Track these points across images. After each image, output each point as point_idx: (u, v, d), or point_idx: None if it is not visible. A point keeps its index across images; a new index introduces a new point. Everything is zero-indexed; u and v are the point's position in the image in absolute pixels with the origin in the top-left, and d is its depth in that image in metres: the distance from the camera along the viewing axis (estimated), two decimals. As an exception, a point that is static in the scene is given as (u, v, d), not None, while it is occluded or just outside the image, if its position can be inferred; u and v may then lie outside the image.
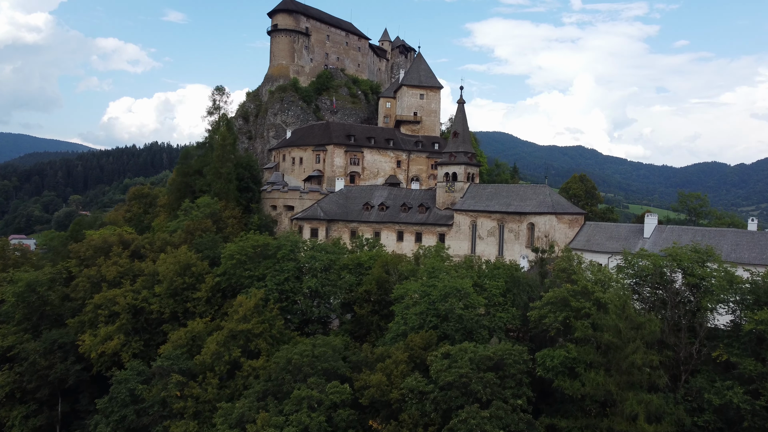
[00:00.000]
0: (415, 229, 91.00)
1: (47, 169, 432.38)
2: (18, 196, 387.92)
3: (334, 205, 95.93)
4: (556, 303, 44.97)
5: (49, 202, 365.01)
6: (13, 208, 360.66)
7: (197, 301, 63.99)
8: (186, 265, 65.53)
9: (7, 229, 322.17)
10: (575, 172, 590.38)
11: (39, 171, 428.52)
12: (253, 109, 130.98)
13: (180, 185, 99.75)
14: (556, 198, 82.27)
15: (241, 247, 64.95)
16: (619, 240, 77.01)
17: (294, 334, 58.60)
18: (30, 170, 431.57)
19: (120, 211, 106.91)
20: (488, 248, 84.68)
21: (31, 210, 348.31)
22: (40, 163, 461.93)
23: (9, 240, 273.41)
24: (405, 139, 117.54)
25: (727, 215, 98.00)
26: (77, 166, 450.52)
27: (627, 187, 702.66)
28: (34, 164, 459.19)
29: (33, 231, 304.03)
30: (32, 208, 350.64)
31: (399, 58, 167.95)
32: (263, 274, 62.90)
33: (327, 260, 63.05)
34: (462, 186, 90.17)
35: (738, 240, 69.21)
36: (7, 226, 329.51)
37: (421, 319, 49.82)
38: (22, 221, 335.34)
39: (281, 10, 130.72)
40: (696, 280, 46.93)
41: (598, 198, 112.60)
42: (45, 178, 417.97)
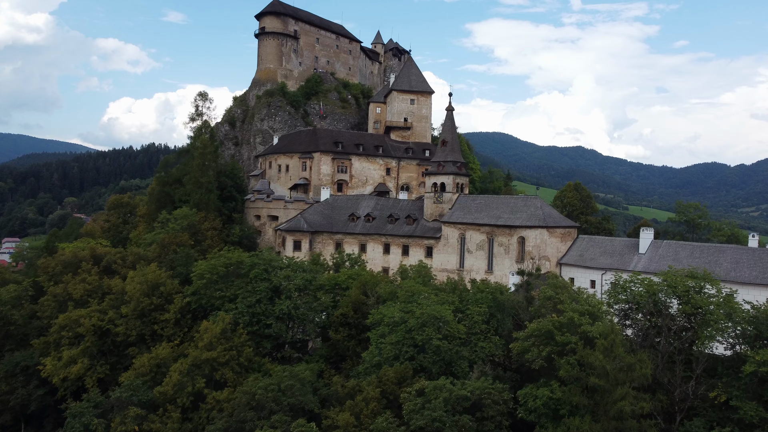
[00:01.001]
0: (402, 242, 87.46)
1: (43, 170, 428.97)
2: (13, 198, 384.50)
3: (319, 216, 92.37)
4: (540, 336, 41.43)
5: (44, 204, 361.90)
6: (7, 210, 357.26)
7: (165, 323, 60.45)
8: (154, 284, 62.00)
9: (1, 232, 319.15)
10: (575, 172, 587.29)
11: (35, 173, 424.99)
12: (240, 115, 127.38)
13: (159, 195, 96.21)
14: (547, 210, 78.66)
15: (213, 266, 61.42)
16: (614, 255, 73.51)
17: (265, 360, 55.05)
18: (26, 172, 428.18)
19: (98, 221, 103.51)
20: (477, 262, 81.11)
21: (26, 212, 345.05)
22: (36, 164, 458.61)
23: (2, 243, 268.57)
24: (395, 146, 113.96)
25: (726, 225, 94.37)
26: (73, 168, 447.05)
27: (627, 188, 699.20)
28: (30, 166, 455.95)
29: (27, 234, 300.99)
30: (27, 210, 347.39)
31: (392, 60, 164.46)
32: (235, 294, 59.39)
33: (302, 280, 59.54)
34: (450, 197, 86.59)
35: (738, 257, 65.63)
36: (1, 229, 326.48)
37: (397, 350, 46.32)
38: (16, 224, 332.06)
39: (269, 12, 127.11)
40: (692, 309, 43.39)
41: (594, 207, 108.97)
42: (41, 179, 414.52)
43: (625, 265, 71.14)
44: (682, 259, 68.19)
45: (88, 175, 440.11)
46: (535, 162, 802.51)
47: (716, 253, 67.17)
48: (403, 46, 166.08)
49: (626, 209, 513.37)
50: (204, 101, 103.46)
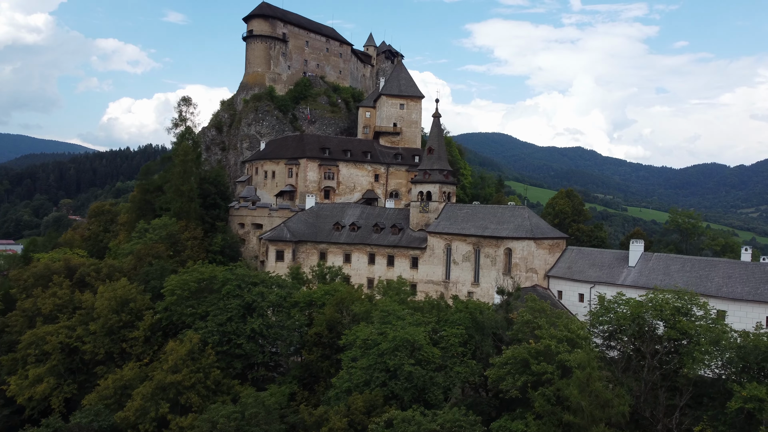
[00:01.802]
0: (387, 252, 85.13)
1: (39, 171, 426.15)
2: (9, 199, 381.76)
3: (303, 225, 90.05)
4: (516, 364, 39.17)
5: (39, 206, 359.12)
6: (2, 212, 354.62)
7: (134, 342, 58.20)
8: (123, 300, 59.70)
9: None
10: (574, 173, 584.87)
11: (31, 174, 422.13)
12: (227, 119, 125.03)
13: (141, 203, 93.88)
14: (535, 221, 76.29)
15: (184, 281, 59.18)
16: (603, 268, 71.18)
17: (235, 382, 52.78)
18: (22, 173, 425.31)
19: (78, 229, 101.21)
20: (463, 274, 78.80)
21: (21, 214, 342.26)
22: (32, 165, 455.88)
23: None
24: (384, 152, 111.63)
25: (721, 234, 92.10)
26: (70, 169, 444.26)
27: (626, 189, 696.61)
28: (27, 167, 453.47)
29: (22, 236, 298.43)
30: (22, 212, 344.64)
31: (385, 63, 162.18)
32: (207, 311, 57.13)
33: (277, 297, 57.29)
34: (437, 206, 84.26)
35: (730, 272, 63.25)
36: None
37: (368, 375, 44.03)
38: (11, 226, 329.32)
39: (256, 15, 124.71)
40: (678, 335, 41.16)
41: (586, 214, 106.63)
42: (37, 181, 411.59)
43: (614, 278, 68.91)
44: (673, 273, 65.97)
45: (85, 177, 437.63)
46: (534, 163, 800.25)
47: (708, 268, 64.82)
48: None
49: (625, 210, 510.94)
50: (188, 106, 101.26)
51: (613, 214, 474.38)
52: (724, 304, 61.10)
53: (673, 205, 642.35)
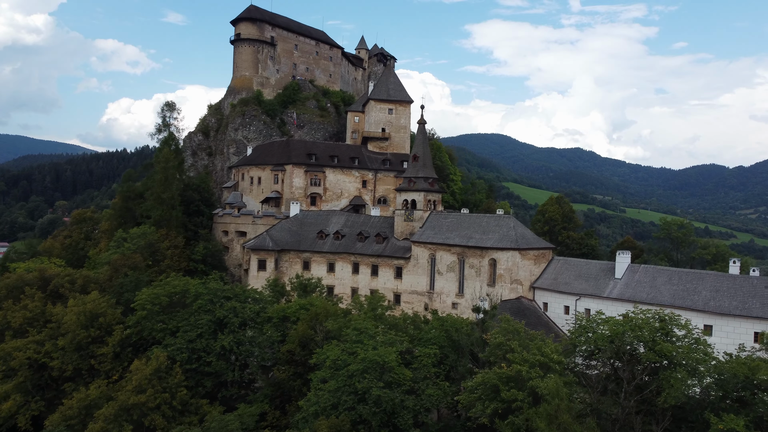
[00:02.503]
0: (371, 261, 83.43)
1: (36, 173, 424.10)
2: (5, 201, 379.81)
3: (287, 233, 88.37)
4: (487, 389, 37.51)
5: (35, 207, 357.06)
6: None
7: (102, 358, 56.54)
8: (93, 315, 58.03)
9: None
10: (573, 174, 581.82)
11: (27, 175, 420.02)
12: (214, 124, 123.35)
13: (122, 210, 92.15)
14: (521, 231, 74.58)
15: (155, 295, 57.51)
16: (589, 279, 69.50)
17: (203, 402, 51.10)
18: (18, 174, 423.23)
19: (59, 237, 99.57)
20: (447, 285, 77.12)
21: (16, 216, 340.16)
22: (29, 167, 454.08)
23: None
24: (372, 157, 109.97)
25: (712, 243, 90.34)
26: (66, 171, 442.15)
27: (625, 190, 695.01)
28: (23, 168, 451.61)
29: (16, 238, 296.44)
30: (17, 214, 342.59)
31: (377, 66, 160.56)
32: (178, 327, 55.47)
33: (250, 313, 55.63)
34: (421, 215, 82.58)
35: (718, 285, 61.59)
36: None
37: (336, 398, 42.34)
38: (5, 228, 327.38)
39: (244, 18, 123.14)
40: (657, 358, 39.48)
41: (576, 222, 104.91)
42: (33, 182, 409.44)
43: (600, 290, 67.28)
44: (659, 286, 64.36)
45: (81, 178, 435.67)
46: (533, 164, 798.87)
47: (695, 280, 63.16)
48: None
49: (624, 212, 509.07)
50: (171, 111, 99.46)
51: (611, 215, 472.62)
52: (711, 319, 59.51)
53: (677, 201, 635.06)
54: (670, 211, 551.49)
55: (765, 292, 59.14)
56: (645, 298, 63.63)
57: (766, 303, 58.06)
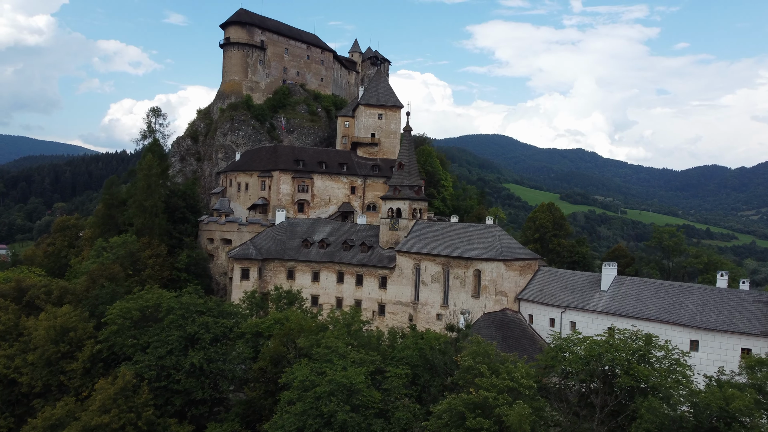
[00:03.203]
0: (356, 271, 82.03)
1: (35, 174, 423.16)
2: (4, 202, 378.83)
3: (271, 242, 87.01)
4: (453, 415, 36.06)
5: (33, 209, 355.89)
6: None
7: (72, 374, 55.15)
8: (63, 329, 56.64)
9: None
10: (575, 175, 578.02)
11: (26, 177, 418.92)
12: (203, 129, 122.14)
13: (105, 218, 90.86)
14: (506, 241, 73.05)
15: (126, 309, 56.12)
16: (575, 291, 68.02)
17: (172, 421, 49.65)
18: (17, 176, 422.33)
19: (42, 245, 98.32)
20: (432, 295, 75.67)
21: (14, 218, 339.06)
22: (28, 168, 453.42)
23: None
24: (361, 163, 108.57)
25: (704, 252, 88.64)
26: (65, 172, 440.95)
27: (627, 191, 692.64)
28: (22, 170, 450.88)
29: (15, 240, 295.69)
30: (15, 216, 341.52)
31: (371, 70, 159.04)
32: (148, 342, 54.06)
33: (221, 328, 54.22)
34: (407, 224, 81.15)
35: (705, 299, 60.04)
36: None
37: (301, 422, 40.89)
38: (3, 230, 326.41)
39: (233, 22, 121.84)
40: (632, 382, 38.04)
41: (568, 229, 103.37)
42: (32, 184, 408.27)
43: (585, 303, 65.80)
44: (645, 299, 62.87)
45: (80, 180, 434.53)
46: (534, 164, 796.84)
47: (682, 294, 61.63)
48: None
49: (625, 213, 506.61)
50: (157, 117, 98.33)
51: (612, 217, 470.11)
52: (697, 334, 58.04)
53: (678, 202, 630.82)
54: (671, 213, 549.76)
55: (752, 306, 57.65)
56: (630, 312, 62.25)
57: (754, 318, 56.58)
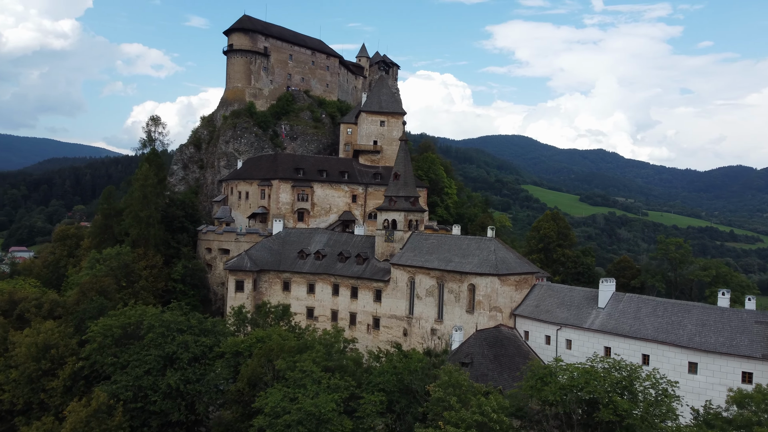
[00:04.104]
0: (351, 283, 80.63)
1: (56, 177, 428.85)
2: (26, 205, 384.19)
3: (267, 252, 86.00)
4: (419, 452, 34.49)
5: (53, 212, 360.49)
6: (18, 217, 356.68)
7: (53, 392, 54.65)
8: (45, 346, 56.19)
9: (10, 240, 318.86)
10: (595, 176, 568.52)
11: (48, 179, 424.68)
12: (206, 136, 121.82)
13: (102, 228, 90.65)
14: (502, 255, 70.98)
15: (107, 326, 55.40)
16: (572, 308, 65.80)
17: (147, 444, 48.84)
18: (39, 178, 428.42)
19: (43, 253, 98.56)
20: (427, 310, 73.93)
21: (34, 221, 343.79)
22: (49, 171, 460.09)
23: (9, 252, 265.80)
24: (363, 171, 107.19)
25: (712, 264, 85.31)
26: (86, 174, 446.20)
27: (648, 192, 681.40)
28: (44, 172, 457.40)
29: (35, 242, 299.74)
30: (35, 218, 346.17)
31: (378, 74, 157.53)
32: (128, 361, 53.29)
33: (201, 348, 53.22)
34: (402, 235, 79.53)
35: (705, 318, 57.47)
36: (10, 237, 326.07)
37: (269, 451, 39.66)
38: (24, 232, 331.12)
39: (237, 29, 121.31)
40: (612, 416, 36.06)
41: (572, 239, 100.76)
42: (53, 186, 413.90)
43: (581, 320, 63.59)
44: (643, 318, 60.49)
45: (100, 182, 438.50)
46: (554, 165, 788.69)
47: (681, 313, 59.11)
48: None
49: (646, 215, 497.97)
50: (156, 126, 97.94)
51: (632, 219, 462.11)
52: (695, 356, 55.53)
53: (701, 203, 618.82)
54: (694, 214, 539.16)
55: (755, 327, 54.97)
56: (627, 331, 59.94)
57: (756, 340, 53.92)
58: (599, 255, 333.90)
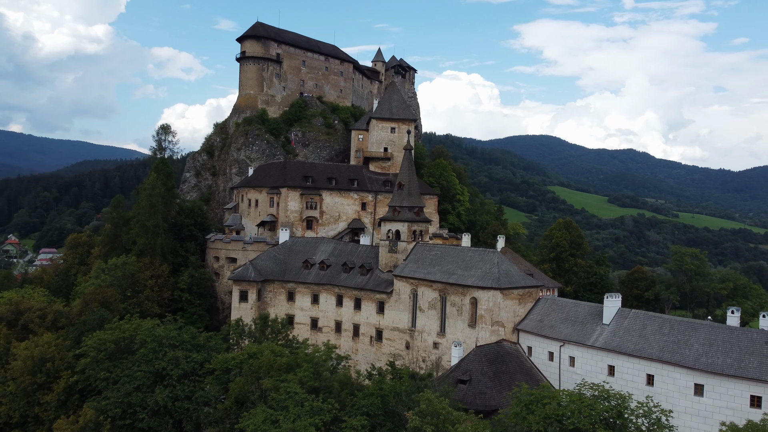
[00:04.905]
0: (354, 294, 79.71)
1: (86, 179, 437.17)
2: (57, 207, 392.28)
3: (272, 262, 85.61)
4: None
5: (83, 214, 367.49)
6: (49, 220, 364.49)
7: (47, 405, 54.89)
8: (41, 359, 56.49)
9: (41, 242, 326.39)
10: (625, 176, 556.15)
11: (78, 182, 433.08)
12: (219, 143, 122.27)
13: (111, 237, 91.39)
14: (505, 268, 69.18)
15: (101, 341, 55.44)
16: (576, 324, 63.82)
17: (134, 462, 48.63)
18: (70, 181, 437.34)
19: (55, 261, 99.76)
20: (429, 323, 72.59)
21: (64, 223, 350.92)
22: (80, 173, 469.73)
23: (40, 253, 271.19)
24: (373, 179, 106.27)
25: (731, 276, 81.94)
26: (115, 177, 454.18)
27: (680, 193, 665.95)
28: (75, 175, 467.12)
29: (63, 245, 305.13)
30: (65, 220, 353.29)
31: (395, 79, 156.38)
32: (119, 377, 53.21)
33: (191, 364, 52.85)
34: (405, 246, 78.27)
35: (713, 338, 55.00)
36: (41, 239, 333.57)
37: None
38: (54, 234, 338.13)
39: (249, 36, 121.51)
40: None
41: (585, 248, 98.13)
42: (83, 189, 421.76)
43: (585, 337, 61.60)
44: (648, 336, 58.28)
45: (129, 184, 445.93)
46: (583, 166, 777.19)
47: (688, 331, 56.72)
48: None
49: (676, 216, 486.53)
50: (166, 135, 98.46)
51: (662, 220, 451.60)
52: (701, 378, 53.18)
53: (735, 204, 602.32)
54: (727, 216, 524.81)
55: (765, 349, 52.33)
56: (631, 350, 57.79)
57: (766, 362, 51.26)
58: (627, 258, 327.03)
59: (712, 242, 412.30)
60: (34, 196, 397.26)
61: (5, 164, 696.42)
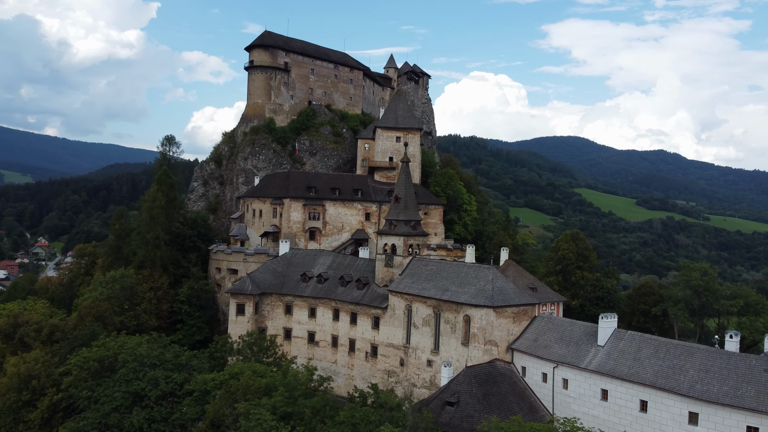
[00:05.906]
0: (351, 309, 78.71)
1: (114, 183, 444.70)
2: (86, 210, 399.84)
3: (270, 275, 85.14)
4: None
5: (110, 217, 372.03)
6: (78, 223, 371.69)
7: (31, 423, 55.10)
8: (27, 376, 56.78)
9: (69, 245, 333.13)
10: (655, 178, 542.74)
11: (107, 185, 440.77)
12: (227, 152, 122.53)
13: (114, 249, 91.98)
14: (500, 285, 67.35)
15: (84, 359, 55.46)
16: (570, 344, 61.84)
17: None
18: (98, 184, 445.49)
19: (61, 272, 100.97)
20: (423, 340, 71.20)
21: (91, 226, 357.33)
22: (109, 176, 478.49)
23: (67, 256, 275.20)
24: (377, 188, 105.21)
25: (742, 292, 78.45)
26: (141, 180, 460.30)
27: (712, 195, 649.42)
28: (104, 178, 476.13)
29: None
30: (93, 224, 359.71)
31: (407, 85, 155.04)
32: (100, 396, 53.10)
33: (171, 385, 52.45)
34: (401, 261, 76.99)
35: (709, 364, 52.55)
36: (70, 242, 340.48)
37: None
38: (82, 237, 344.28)
39: (257, 45, 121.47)
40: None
41: (593, 261, 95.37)
42: (111, 192, 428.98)
43: (579, 359, 59.62)
44: (643, 359, 56.08)
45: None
46: (611, 167, 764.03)
47: (684, 355, 54.33)
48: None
49: (707, 219, 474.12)
50: (170, 146, 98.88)
51: (692, 224, 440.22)
52: (696, 406, 50.82)
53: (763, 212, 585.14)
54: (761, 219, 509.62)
55: (763, 377, 49.72)
56: (625, 374, 55.63)
57: (763, 391, 48.69)
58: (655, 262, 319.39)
59: (745, 246, 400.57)
60: (64, 200, 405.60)
61: (41, 167, 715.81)
